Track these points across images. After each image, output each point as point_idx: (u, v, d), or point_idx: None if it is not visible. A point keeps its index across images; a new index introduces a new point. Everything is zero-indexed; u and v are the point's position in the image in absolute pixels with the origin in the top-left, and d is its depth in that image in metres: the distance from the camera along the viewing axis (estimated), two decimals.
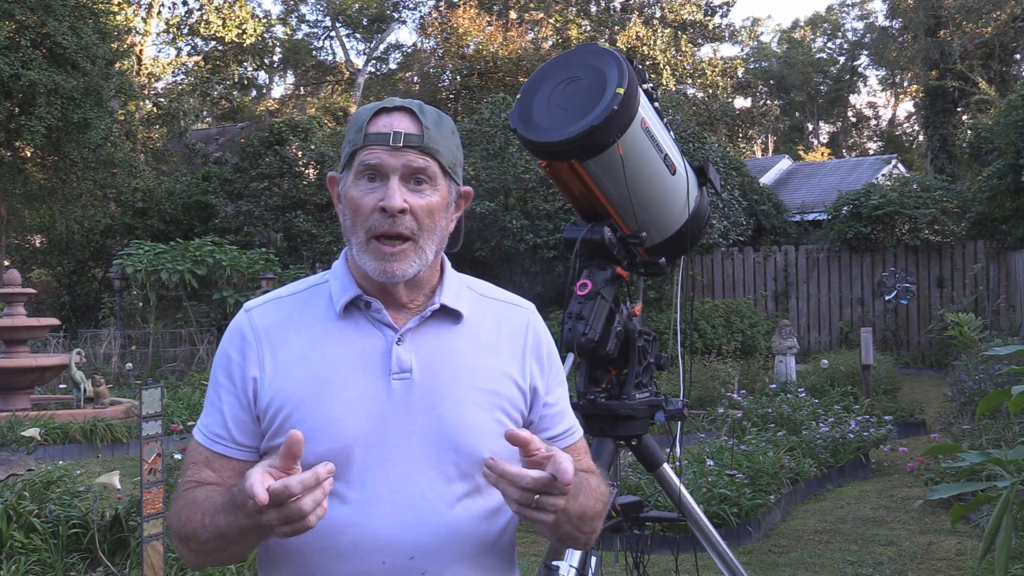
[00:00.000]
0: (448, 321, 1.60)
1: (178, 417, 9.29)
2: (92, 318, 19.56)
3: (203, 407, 1.62)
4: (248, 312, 1.61)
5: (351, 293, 1.57)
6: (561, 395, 1.70)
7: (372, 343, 1.55)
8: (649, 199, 2.68)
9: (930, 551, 5.24)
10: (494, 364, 1.60)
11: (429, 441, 1.52)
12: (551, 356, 1.68)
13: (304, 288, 1.64)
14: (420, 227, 1.53)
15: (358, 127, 1.56)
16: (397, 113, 1.56)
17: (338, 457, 1.46)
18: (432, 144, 1.55)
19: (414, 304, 1.59)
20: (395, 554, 1.48)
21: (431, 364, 1.55)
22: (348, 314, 1.57)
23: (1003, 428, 6.50)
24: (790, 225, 19.31)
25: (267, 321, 1.58)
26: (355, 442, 1.49)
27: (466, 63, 26.60)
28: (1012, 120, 13.97)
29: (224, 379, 1.58)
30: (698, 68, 27.59)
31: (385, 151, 1.53)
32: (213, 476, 1.55)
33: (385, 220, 1.51)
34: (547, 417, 1.66)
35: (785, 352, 10.78)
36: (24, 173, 18.52)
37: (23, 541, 4.57)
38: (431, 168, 1.55)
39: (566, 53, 2.72)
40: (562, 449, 1.61)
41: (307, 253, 18.34)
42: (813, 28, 43.90)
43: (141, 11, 28.98)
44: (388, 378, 1.53)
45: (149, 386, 3.93)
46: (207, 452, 1.57)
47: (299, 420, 1.50)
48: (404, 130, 1.54)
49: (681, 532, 3.60)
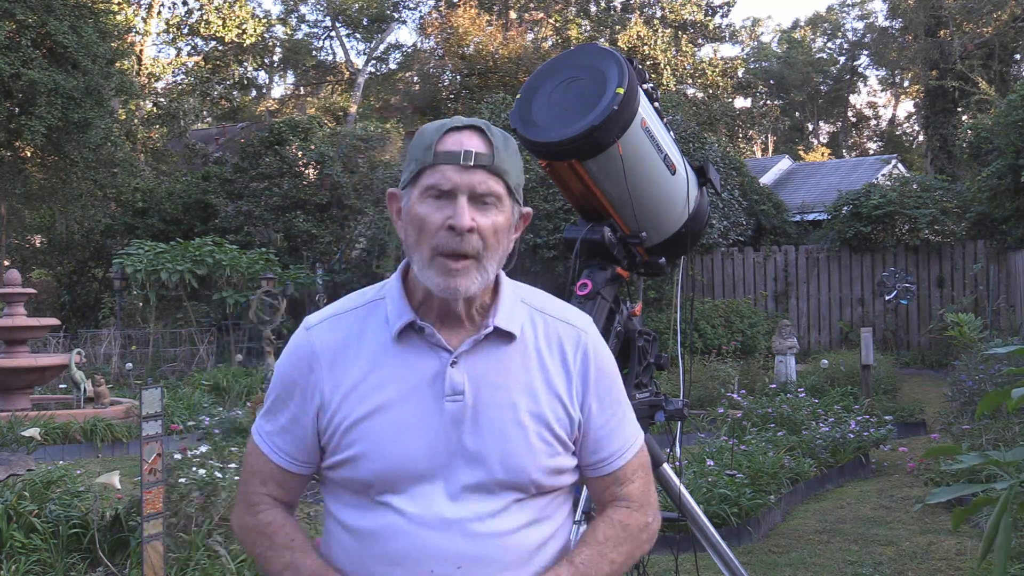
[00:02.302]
0: (501, 342, 1.62)
1: (178, 417, 9.29)
2: (92, 318, 19.56)
3: (266, 405, 1.70)
4: (308, 331, 1.66)
5: (406, 318, 1.60)
6: (613, 414, 1.69)
7: (427, 365, 1.59)
8: (649, 199, 2.68)
9: (930, 551, 5.24)
10: (544, 385, 1.63)
11: (479, 460, 1.57)
12: (602, 375, 1.69)
13: (363, 304, 1.67)
14: (485, 246, 1.56)
15: (426, 145, 1.57)
16: (467, 132, 1.58)
17: (393, 474, 1.56)
18: (501, 164, 1.57)
19: (470, 322, 1.62)
20: (443, 563, 1.54)
21: (483, 386, 1.59)
22: (404, 336, 1.61)
23: (1003, 428, 6.50)
24: (790, 225, 19.30)
25: (326, 342, 1.63)
26: (408, 461, 1.56)
27: (466, 63, 26.60)
28: (1012, 120, 13.96)
29: (286, 397, 1.65)
30: (698, 68, 27.59)
31: (455, 170, 1.55)
32: (282, 493, 1.68)
33: (453, 238, 1.54)
34: (595, 440, 1.67)
35: (785, 352, 10.77)
36: (24, 173, 18.50)
37: (23, 541, 4.57)
38: (499, 188, 1.57)
39: (566, 53, 2.72)
40: (608, 473, 1.68)
41: (307, 253, 18.33)
42: (813, 28, 43.88)
43: (141, 11, 28.97)
44: (442, 400, 1.58)
45: (149, 386, 3.93)
46: (271, 464, 1.67)
47: (355, 439, 1.58)
48: (475, 149, 1.56)
49: (681, 532, 3.59)
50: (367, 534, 1.57)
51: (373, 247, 17.89)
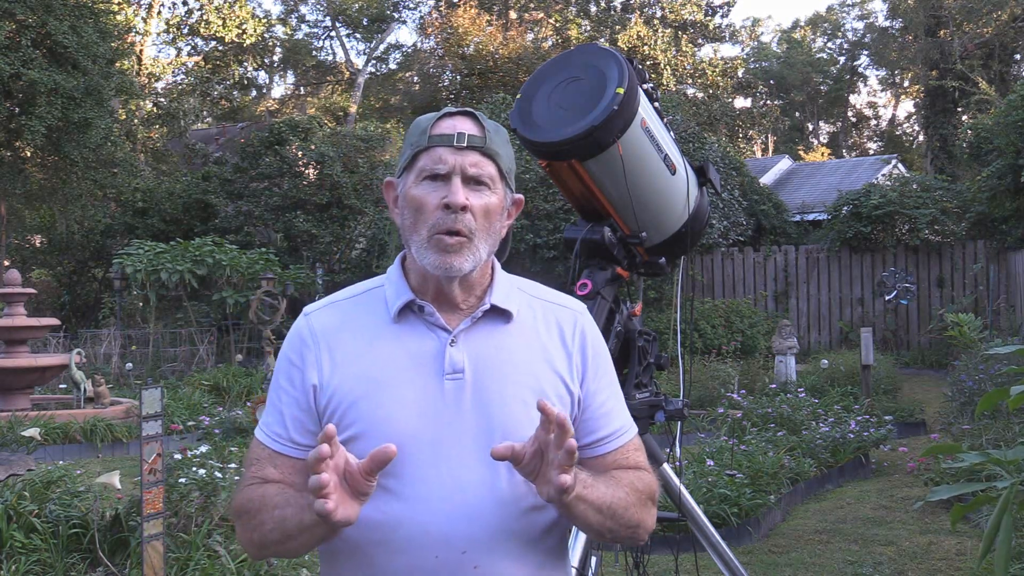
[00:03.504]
0: (499, 321, 1.64)
1: (178, 417, 9.29)
2: (92, 318, 19.56)
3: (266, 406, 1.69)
4: (307, 316, 1.67)
5: (405, 297, 1.62)
6: (610, 395, 1.71)
7: (426, 345, 1.60)
8: (649, 199, 2.68)
9: (930, 551, 5.24)
10: (543, 363, 1.64)
11: (480, 439, 1.55)
12: (599, 356, 1.70)
13: (362, 292, 1.69)
14: (478, 226, 1.58)
15: (421, 131, 1.62)
16: (460, 116, 1.63)
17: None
18: (493, 146, 1.61)
19: (467, 305, 1.64)
20: (448, 548, 1.53)
21: (483, 364, 1.60)
22: (403, 317, 1.62)
23: (1003, 428, 6.50)
24: (790, 225, 19.31)
25: (324, 324, 1.64)
26: (408, 440, 1.54)
27: (466, 63, 26.60)
28: (1012, 120, 13.95)
29: (285, 382, 1.64)
30: (698, 68, 27.60)
31: (449, 151, 1.58)
32: (276, 473, 1.61)
33: (448, 217, 1.56)
34: (595, 418, 1.67)
35: (785, 352, 10.78)
36: (24, 173, 18.49)
37: (23, 541, 4.57)
38: (491, 170, 1.60)
39: (566, 53, 2.72)
40: (611, 451, 1.67)
41: (307, 253, 18.34)
42: (813, 28, 43.90)
43: (141, 11, 28.98)
44: (441, 379, 1.58)
45: (149, 386, 3.94)
46: (268, 450, 1.63)
47: (354, 418, 1.56)
48: (468, 131, 1.59)
49: (681, 532, 3.59)
50: (365, 522, 1.51)
51: (373, 247, 17.87)
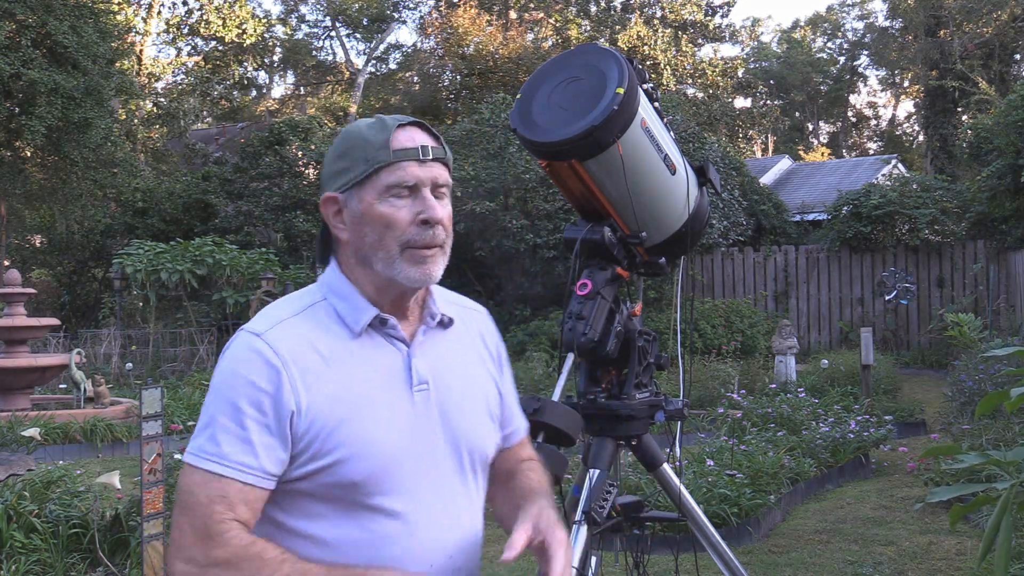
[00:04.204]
0: (439, 329, 1.67)
1: (178, 417, 9.29)
2: (92, 318, 19.57)
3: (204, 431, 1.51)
4: (261, 336, 1.53)
5: (371, 312, 1.59)
6: (512, 389, 1.82)
7: (390, 358, 1.60)
8: (649, 199, 2.68)
9: (930, 551, 5.24)
10: (480, 367, 1.72)
11: (451, 447, 1.62)
12: (503, 354, 1.80)
13: (303, 308, 1.59)
14: (447, 235, 1.61)
15: (379, 145, 1.55)
16: (412, 128, 1.60)
17: (383, 473, 1.54)
18: (447, 157, 1.63)
19: (413, 316, 1.65)
20: (438, 556, 1.57)
21: (439, 373, 1.64)
22: (362, 332, 1.60)
23: (1003, 428, 6.50)
24: (790, 225, 19.31)
25: (288, 346, 1.52)
26: (394, 457, 1.55)
27: (466, 63, 26.60)
28: (1012, 120, 13.96)
29: (249, 407, 1.48)
30: (698, 68, 27.61)
31: (416, 165, 1.56)
32: (247, 512, 1.48)
33: (425, 232, 1.56)
34: (509, 412, 1.79)
35: (785, 352, 10.77)
36: (24, 173, 18.51)
37: (23, 541, 4.57)
38: (449, 179, 1.62)
39: (566, 53, 2.72)
40: (516, 443, 1.81)
41: (307, 253, 18.34)
42: (813, 28, 43.89)
43: (141, 11, 28.98)
44: (411, 391, 1.59)
45: (149, 386, 3.94)
46: (237, 484, 1.47)
47: (338, 442, 1.51)
48: (428, 144, 1.59)
49: (681, 532, 3.60)
50: (350, 544, 1.51)
51: None
